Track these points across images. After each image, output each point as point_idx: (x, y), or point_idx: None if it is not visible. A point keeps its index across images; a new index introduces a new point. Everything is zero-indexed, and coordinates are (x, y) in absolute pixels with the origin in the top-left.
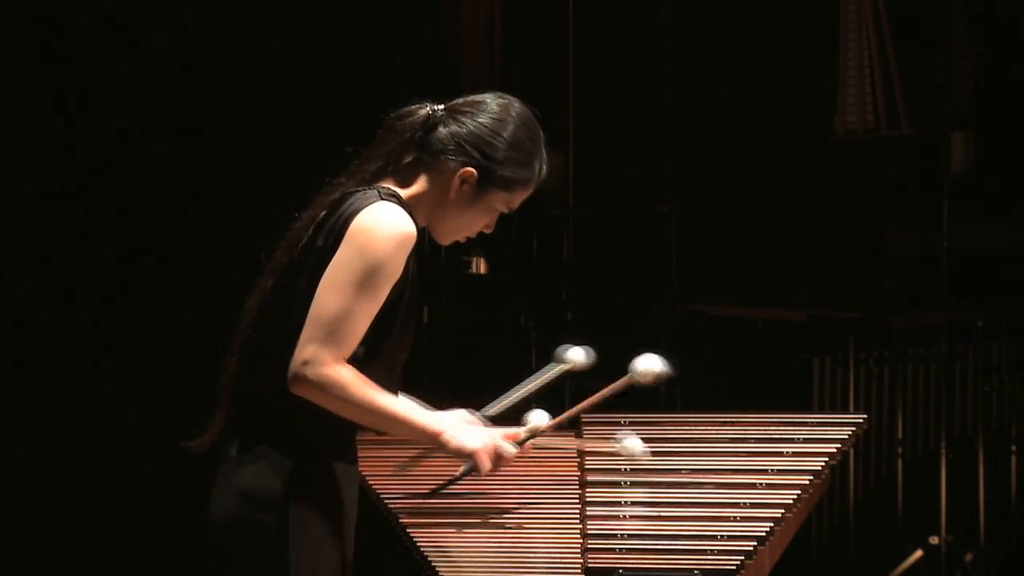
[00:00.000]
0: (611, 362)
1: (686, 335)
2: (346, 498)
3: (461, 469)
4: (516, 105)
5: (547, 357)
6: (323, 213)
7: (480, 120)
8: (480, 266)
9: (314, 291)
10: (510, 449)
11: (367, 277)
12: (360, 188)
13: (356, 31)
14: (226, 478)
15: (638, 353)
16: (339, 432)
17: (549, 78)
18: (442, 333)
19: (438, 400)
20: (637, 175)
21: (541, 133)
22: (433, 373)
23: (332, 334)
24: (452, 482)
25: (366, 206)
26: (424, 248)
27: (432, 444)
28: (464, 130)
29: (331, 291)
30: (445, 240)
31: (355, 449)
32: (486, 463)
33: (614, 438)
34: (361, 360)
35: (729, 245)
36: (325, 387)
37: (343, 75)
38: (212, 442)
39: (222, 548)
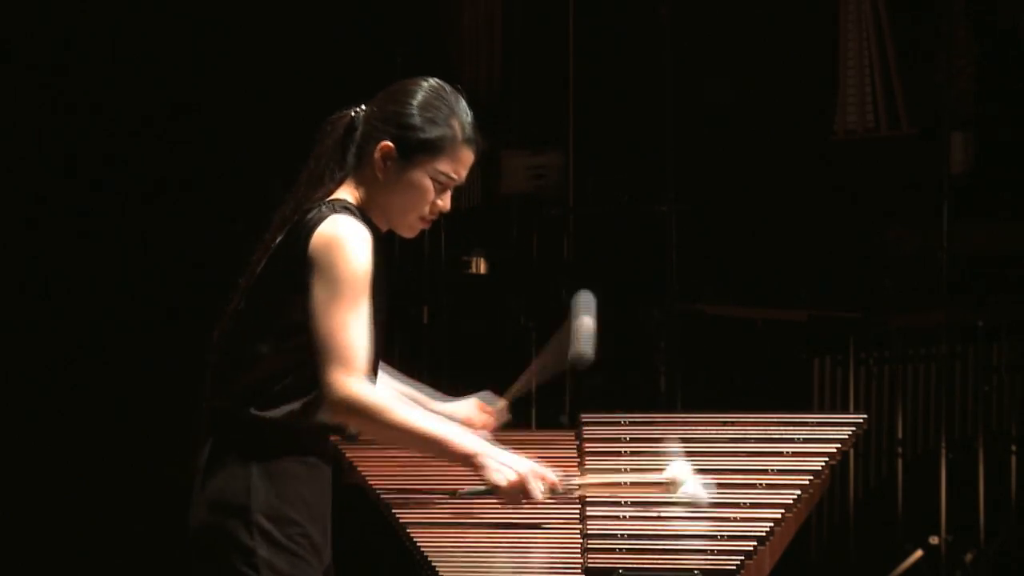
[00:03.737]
0: (610, 360)
1: (686, 335)
2: (314, 504)
3: (478, 488)
4: (429, 79)
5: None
6: (279, 237)
7: (391, 99)
8: (480, 266)
9: (282, 312)
10: (539, 489)
11: (348, 289)
12: (313, 205)
13: (356, 31)
14: (198, 490)
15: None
16: (306, 440)
17: (549, 78)
18: (442, 333)
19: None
20: (637, 175)
21: (459, 96)
22: (433, 373)
23: (341, 355)
24: (459, 495)
25: (320, 224)
26: (424, 249)
27: (465, 465)
28: (377, 114)
29: (321, 318)
30: (404, 230)
31: (327, 455)
32: (536, 488)
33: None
34: None
35: (729, 245)
36: (355, 409)
37: (343, 75)
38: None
39: (196, 558)
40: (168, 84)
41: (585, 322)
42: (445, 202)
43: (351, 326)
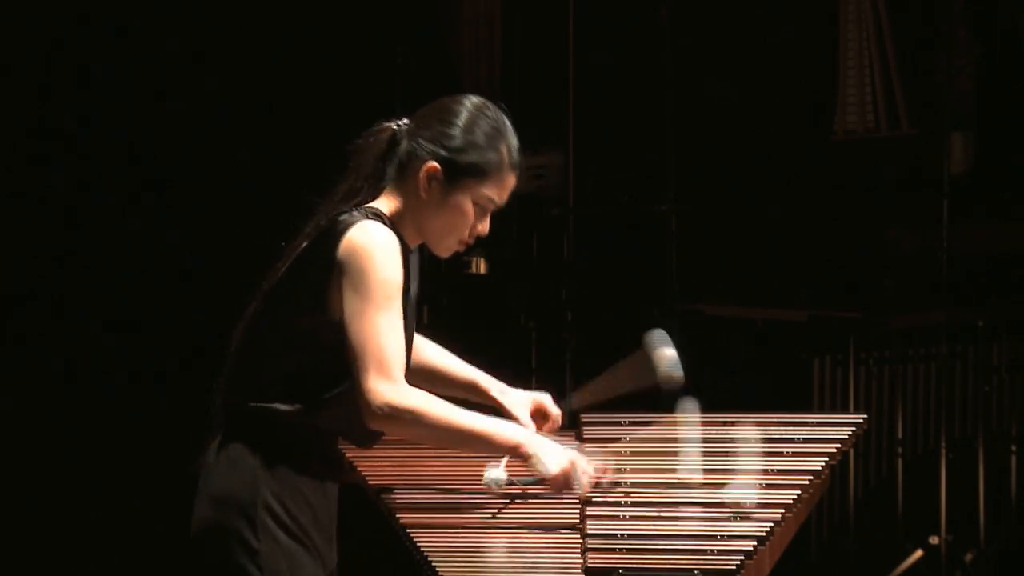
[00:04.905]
0: (610, 361)
1: (686, 335)
2: (318, 506)
3: (526, 479)
4: (473, 98)
5: (547, 357)
6: (306, 242)
7: (436, 118)
8: (480, 266)
9: (303, 313)
10: (587, 474)
11: (380, 294)
12: (343, 212)
13: (356, 31)
14: (203, 484)
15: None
16: (315, 442)
17: (549, 78)
18: (442, 333)
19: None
20: (637, 175)
21: (504, 119)
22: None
23: (379, 361)
24: (516, 497)
25: (350, 228)
26: (424, 250)
27: (512, 455)
28: (423, 132)
29: (356, 323)
30: (442, 251)
31: (336, 456)
32: (581, 480)
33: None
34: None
35: (729, 245)
36: (396, 415)
37: (343, 75)
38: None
39: (198, 552)
40: (168, 84)
41: (668, 352)
42: (484, 226)
43: (385, 332)
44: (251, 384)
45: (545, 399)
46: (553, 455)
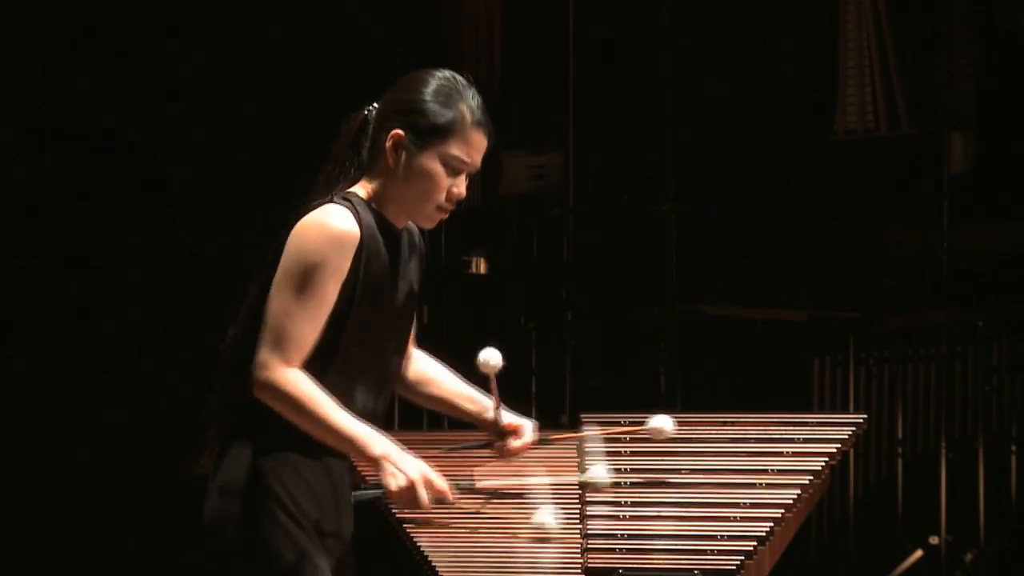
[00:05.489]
0: (611, 360)
1: (686, 335)
2: (321, 493)
3: (369, 492)
4: (437, 69)
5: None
6: (286, 232)
7: (398, 90)
8: (480, 266)
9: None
10: (443, 488)
11: (304, 277)
12: (322, 201)
13: (356, 31)
14: (211, 479)
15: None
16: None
17: (549, 78)
18: (442, 333)
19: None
20: (637, 175)
21: (462, 80)
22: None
23: (278, 338)
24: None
25: (307, 215)
26: (427, 251)
27: (369, 463)
28: (386, 107)
29: (274, 296)
30: (422, 219)
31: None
32: (423, 495)
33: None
34: (315, 368)
35: (729, 245)
36: (274, 391)
37: (343, 74)
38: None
39: (208, 543)
40: (168, 84)
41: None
42: (460, 188)
43: (292, 313)
44: (247, 376)
45: (525, 423)
46: (400, 473)
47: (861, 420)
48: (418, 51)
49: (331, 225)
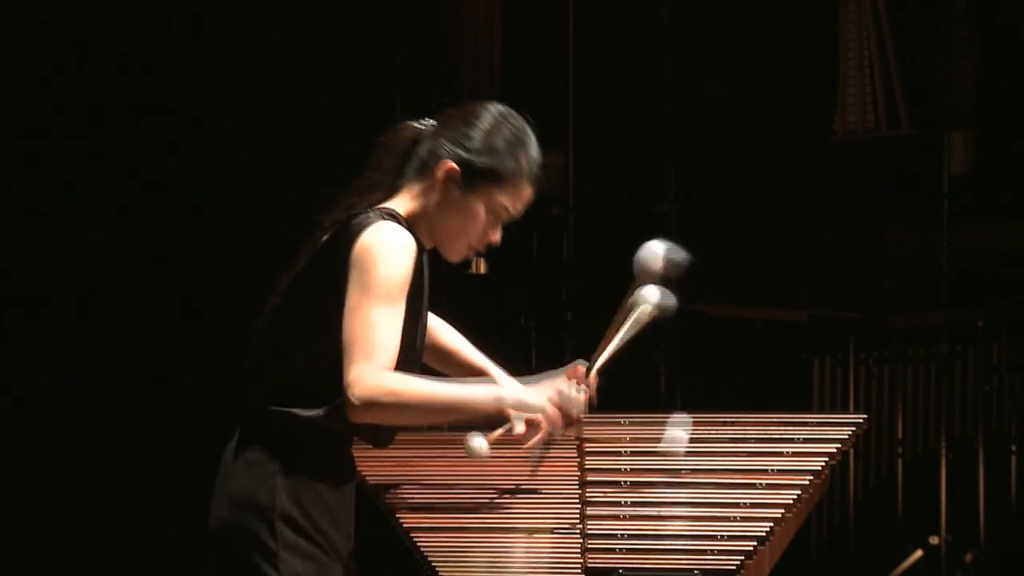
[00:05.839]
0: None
1: (686, 335)
2: (336, 508)
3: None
4: (500, 105)
5: (547, 357)
6: (325, 237)
7: (460, 120)
8: (480, 266)
9: (319, 312)
10: (576, 395)
11: (381, 290)
12: (360, 211)
13: (356, 31)
14: (221, 485)
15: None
16: (332, 443)
17: (549, 78)
18: None
19: None
20: (637, 175)
21: (527, 129)
22: (433, 374)
23: (366, 351)
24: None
25: (365, 229)
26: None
27: (495, 411)
28: (445, 133)
29: (352, 315)
30: (451, 254)
31: (350, 458)
32: (556, 419)
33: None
34: None
35: (729, 245)
36: (375, 401)
37: (343, 75)
38: None
39: (216, 553)
40: (167, 85)
41: (651, 293)
42: (496, 235)
43: (379, 327)
44: (270, 385)
45: (573, 367)
46: (534, 396)
47: (861, 420)
48: (418, 51)
49: (396, 238)
